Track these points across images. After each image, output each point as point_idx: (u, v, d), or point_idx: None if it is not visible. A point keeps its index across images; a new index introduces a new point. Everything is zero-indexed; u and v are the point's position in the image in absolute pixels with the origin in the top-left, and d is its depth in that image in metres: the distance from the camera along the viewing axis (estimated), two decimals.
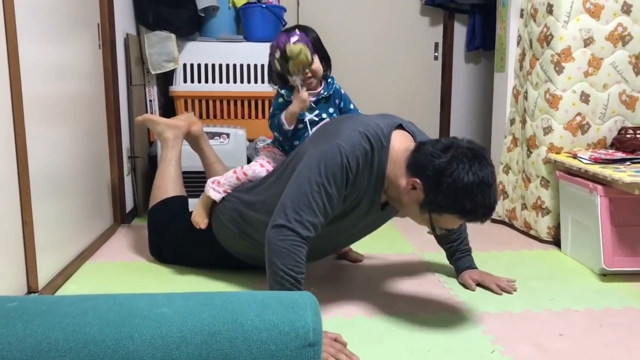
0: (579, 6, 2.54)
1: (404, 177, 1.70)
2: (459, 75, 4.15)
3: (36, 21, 1.96)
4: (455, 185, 1.57)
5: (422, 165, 1.64)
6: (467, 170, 1.57)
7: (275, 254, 1.67)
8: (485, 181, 1.58)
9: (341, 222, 1.86)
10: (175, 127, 2.47)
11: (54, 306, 0.91)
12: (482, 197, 1.58)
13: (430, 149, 1.65)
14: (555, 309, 1.92)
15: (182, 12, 3.12)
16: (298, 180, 1.72)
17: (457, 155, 1.60)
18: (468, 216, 1.62)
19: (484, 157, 1.62)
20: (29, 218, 1.86)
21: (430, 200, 1.63)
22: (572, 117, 2.61)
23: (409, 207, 1.73)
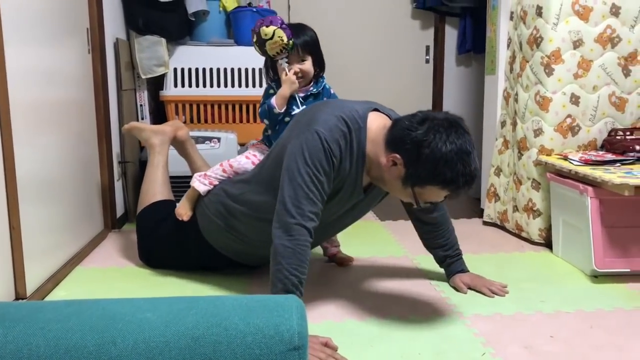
0: (568, 8, 2.55)
1: (384, 154, 1.71)
2: (450, 78, 4.16)
3: (23, 26, 1.94)
4: (433, 155, 1.58)
5: (399, 139, 1.65)
6: (445, 139, 1.58)
7: (281, 254, 1.66)
8: (463, 149, 1.59)
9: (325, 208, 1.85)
10: (161, 132, 2.49)
11: (36, 312, 0.89)
12: (462, 166, 1.59)
13: (406, 123, 1.66)
14: (546, 310, 1.92)
15: (172, 16, 3.12)
16: (289, 175, 1.73)
17: (434, 126, 1.60)
18: (450, 185, 1.62)
19: (461, 126, 1.63)
20: (16, 223, 1.84)
21: (411, 174, 1.64)
22: (563, 119, 2.61)
23: (391, 183, 1.73)
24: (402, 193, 1.74)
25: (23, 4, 1.95)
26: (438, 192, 1.66)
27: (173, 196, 2.44)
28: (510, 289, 2.09)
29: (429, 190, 1.66)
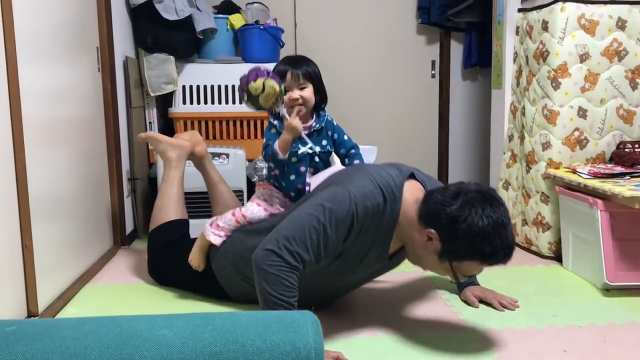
0: (574, 22, 2.56)
1: (417, 229, 1.67)
2: (456, 92, 4.17)
3: (36, 45, 1.97)
4: (470, 231, 1.55)
5: (434, 215, 1.62)
6: (480, 214, 1.55)
7: (265, 279, 1.64)
8: (500, 222, 1.57)
9: (347, 270, 1.84)
10: (179, 147, 2.44)
11: (53, 329, 0.90)
12: (500, 239, 1.56)
13: (439, 198, 1.63)
14: (558, 324, 1.91)
15: (180, 34, 3.15)
16: (299, 213, 1.70)
17: (468, 200, 1.58)
18: (489, 260, 1.59)
19: (495, 198, 1.61)
20: (29, 242, 1.85)
21: (449, 249, 1.61)
22: (570, 132, 2.62)
23: (427, 258, 1.70)
24: (438, 267, 1.70)
25: (36, 24, 1.98)
26: (477, 266, 1.64)
27: (187, 213, 2.42)
28: (521, 303, 2.08)
29: (466, 265, 1.63)
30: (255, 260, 1.67)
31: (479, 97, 4.11)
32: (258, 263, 1.66)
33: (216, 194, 2.51)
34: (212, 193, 2.54)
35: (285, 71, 1.94)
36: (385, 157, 3.71)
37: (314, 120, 2.00)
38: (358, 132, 3.97)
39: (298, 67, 1.95)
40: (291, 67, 1.94)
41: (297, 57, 2.06)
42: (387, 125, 4.15)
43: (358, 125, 4.07)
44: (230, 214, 2.03)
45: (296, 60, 2.00)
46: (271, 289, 1.63)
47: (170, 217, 2.34)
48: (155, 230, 2.33)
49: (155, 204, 2.41)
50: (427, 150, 4.20)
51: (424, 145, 4.20)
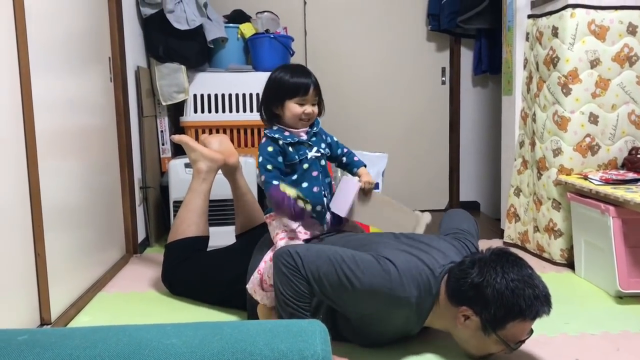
0: (584, 28, 2.55)
1: (453, 315, 1.64)
2: (466, 99, 4.17)
3: (49, 56, 2.00)
4: (498, 291, 1.54)
5: (459, 291, 1.60)
6: (501, 273, 1.55)
7: (279, 278, 1.65)
8: (524, 274, 1.56)
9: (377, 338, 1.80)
10: (211, 159, 2.35)
11: (64, 339, 0.91)
12: (531, 289, 1.54)
13: (457, 273, 1.62)
14: (570, 333, 1.89)
15: (191, 44, 3.18)
16: (340, 253, 1.66)
17: (484, 264, 1.58)
18: (529, 314, 1.55)
19: (509, 254, 1.61)
20: (41, 250, 1.87)
21: (487, 319, 1.57)
22: (582, 139, 2.60)
23: (474, 338, 1.64)
24: (487, 344, 1.62)
25: (49, 35, 2.00)
26: (521, 325, 1.58)
27: (208, 227, 2.38)
28: None
29: (513, 329, 1.58)
30: (275, 255, 1.68)
31: (489, 104, 4.10)
32: (276, 259, 1.67)
33: (242, 204, 2.46)
34: (238, 203, 2.48)
35: (308, 86, 1.89)
36: (396, 164, 3.72)
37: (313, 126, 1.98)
38: (368, 139, 3.99)
39: (314, 81, 1.92)
40: (311, 82, 1.90)
41: (304, 68, 1.98)
42: (397, 133, 4.15)
43: (368, 133, 4.08)
44: (270, 261, 1.84)
45: (307, 72, 1.94)
46: (282, 289, 1.64)
47: (192, 231, 2.30)
48: (173, 244, 2.31)
49: (178, 214, 2.38)
50: (437, 157, 4.20)
51: (434, 152, 4.19)
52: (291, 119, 1.90)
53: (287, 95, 1.89)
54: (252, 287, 1.91)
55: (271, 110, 1.93)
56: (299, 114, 1.89)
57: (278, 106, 1.90)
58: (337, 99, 4.00)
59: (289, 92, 1.88)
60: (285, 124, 1.92)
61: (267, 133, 1.91)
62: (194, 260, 2.25)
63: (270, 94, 1.92)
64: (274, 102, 1.91)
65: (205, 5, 3.20)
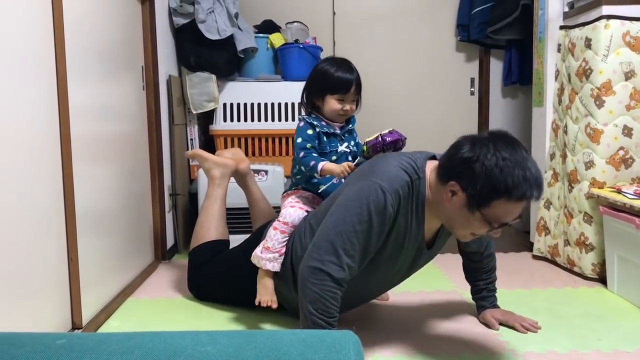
0: (619, 40, 2.52)
1: (442, 191, 1.65)
2: (496, 110, 4.13)
3: (85, 64, 2.04)
4: (486, 168, 1.52)
5: (449, 167, 1.62)
6: (493, 151, 1.53)
7: (307, 297, 1.66)
8: (516, 155, 1.53)
9: (390, 263, 1.83)
10: (223, 165, 2.48)
11: (101, 344, 0.92)
12: (521, 170, 1.52)
13: (452, 150, 1.63)
14: (603, 349, 1.86)
15: (222, 53, 3.21)
16: (333, 220, 1.70)
17: (478, 142, 1.57)
18: (514, 193, 1.51)
19: (507, 136, 1.59)
20: (74, 255, 1.91)
21: (472, 195, 1.56)
22: (615, 151, 2.56)
23: (459, 217, 1.64)
24: (472, 222, 1.62)
25: (85, 44, 2.05)
26: (506, 206, 1.55)
27: (227, 230, 2.45)
28: (564, 326, 2.04)
29: (497, 208, 1.56)
30: (301, 277, 1.69)
31: (519, 115, 4.06)
32: (303, 279, 1.68)
33: (257, 210, 2.53)
34: (254, 210, 2.57)
35: (350, 83, 1.97)
36: None
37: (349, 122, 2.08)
38: None
39: (357, 77, 2.00)
40: (354, 79, 1.98)
41: (350, 63, 2.04)
42: (426, 143, 4.10)
43: None
44: (272, 230, 2.00)
45: (351, 68, 2.01)
46: (312, 307, 1.65)
47: (211, 235, 2.37)
48: (195, 249, 2.37)
49: (198, 220, 2.46)
50: None
51: None
52: (329, 113, 2.00)
53: (329, 90, 1.98)
54: (254, 254, 1.99)
55: (312, 100, 2.02)
56: (337, 110, 1.99)
57: (319, 98, 2.00)
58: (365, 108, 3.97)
59: (331, 87, 1.97)
60: (323, 115, 2.01)
61: (306, 118, 2.01)
62: (216, 259, 2.28)
63: (313, 84, 2.01)
64: (315, 94, 2.01)
65: (236, 16, 3.24)
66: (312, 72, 2.05)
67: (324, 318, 1.65)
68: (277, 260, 1.97)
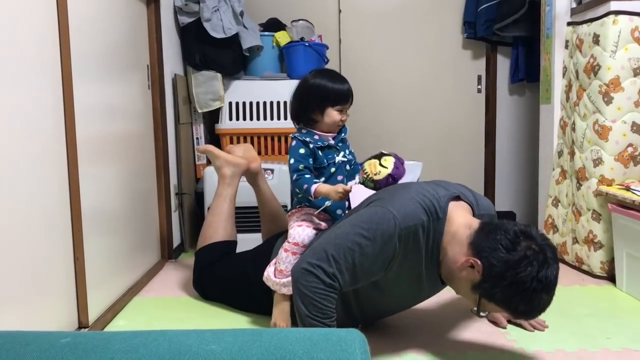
0: (627, 35, 2.50)
1: (464, 253, 1.62)
2: (503, 107, 4.11)
3: (90, 64, 2.04)
4: (517, 286, 1.51)
5: (488, 249, 1.56)
6: (534, 275, 1.50)
7: (300, 298, 1.66)
8: (547, 288, 1.52)
9: (401, 292, 1.82)
10: (235, 164, 2.44)
11: (106, 342, 0.92)
12: (538, 302, 1.54)
13: (501, 236, 1.56)
14: (613, 348, 1.84)
15: (227, 52, 3.21)
16: (337, 232, 1.69)
17: (529, 255, 1.51)
18: (518, 315, 1.57)
19: (554, 259, 1.55)
20: (80, 254, 1.91)
21: (486, 288, 1.56)
22: (624, 149, 2.54)
23: (460, 282, 1.65)
24: (467, 295, 1.65)
25: (90, 44, 2.05)
26: (503, 313, 1.60)
27: (235, 230, 2.42)
28: (573, 325, 2.02)
29: (494, 307, 1.59)
30: (293, 277, 1.70)
31: (526, 112, 4.04)
32: (294, 281, 1.69)
33: (267, 210, 2.51)
34: (263, 209, 2.53)
35: (349, 94, 1.96)
36: (431, 172, 3.68)
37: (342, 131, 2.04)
38: (403, 147, 3.97)
39: (346, 84, 1.98)
40: (349, 89, 1.97)
41: (339, 74, 2.03)
42: (432, 141, 4.12)
43: (403, 141, 4.06)
44: (283, 252, 1.94)
45: (343, 78, 1.99)
46: (305, 309, 1.65)
47: (219, 235, 2.35)
48: (202, 249, 2.36)
49: (206, 219, 2.44)
50: (473, 166, 4.15)
51: (470, 162, 4.14)
52: (330, 125, 1.95)
53: (329, 103, 1.93)
54: (266, 275, 1.97)
55: (309, 115, 1.95)
56: (337, 120, 1.95)
57: (318, 112, 1.94)
58: (371, 106, 3.99)
59: (331, 99, 1.93)
60: (320, 129, 1.96)
61: (298, 136, 1.96)
62: (223, 262, 2.27)
63: (311, 100, 1.94)
64: (313, 108, 1.94)
65: (241, 14, 3.23)
66: (305, 87, 1.97)
67: (318, 319, 1.64)
68: (290, 284, 1.88)
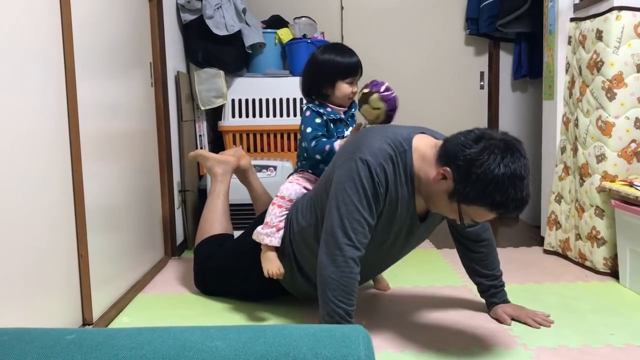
0: (630, 31, 2.49)
1: (434, 168, 1.68)
2: (505, 103, 4.11)
3: (93, 61, 2.04)
4: (485, 176, 1.54)
5: (452, 154, 1.62)
6: (499, 162, 1.53)
7: (328, 285, 1.69)
8: (517, 174, 1.54)
9: (384, 236, 1.84)
10: (224, 162, 2.54)
11: (111, 339, 0.92)
12: (513, 190, 1.54)
13: (461, 139, 1.62)
14: (616, 344, 1.84)
15: (230, 49, 3.21)
16: (335, 204, 1.74)
17: (489, 145, 1.56)
18: (498, 209, 1.57)
19: (518, 149, 1.58)
20: (84, 251, 1.91)
21: (459, 190, 1.60)
22: (627, 144, 2.53)
23: (438, 197, 1.69)
24: (447, 208, 1.69)
25: (93, 41, 2.05)
26: (485, 213, 1.61)
27: (231, 225, 2.49)
28: (576, 321, 2.02)
29: (475, 210, 1.62)
30: (320, 266, 1.72)
31: (529, 109, 4.03)
32: (323, 269, 1.71)
33: (261, 205, 2.55)
34: (257, 205, 2.61)
35: (358, 65, 2.05)
36: None
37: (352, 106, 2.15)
38: None
39: (354, 57, 2.07)
40: (359, 60, 2.06)
41: (348, 47, 2.10)
42: None
43: None
44: (271, 205, 2.06)
45: (351, 51, 2.08)
46: (332, 295, 1.68)
47: (215, 229, 2.41)
48: (200, 244, 2.41)
49: (202, 216, 2.51)
50: None
51: None
52: (341, 98, 2.05)
53: (340, 76, 2.02)
54: (255, 232, 2.04)
55: (320, 90, 2.05)
56: (348, 93, 2.04)
57: (328, 86, 2.04)
58: None
59: (342, 73, 2.02)
60: (332, 102, 2.06)
61: (312, 107, 2.06)
62: (220, 251, 2.30)
63: (321, 74, 2.04)
64: (324, 82, 2.04)
65: (243, 11, 3.23)
66: (315, 63, 2.07)
67: (343, 305, 1.68)
68: (274, 235, 2.00)
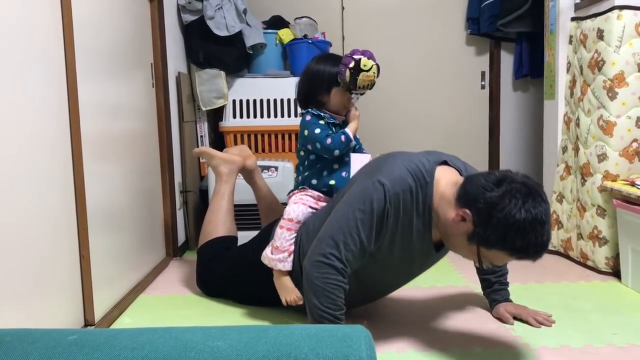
0: (631, 30, 2.49)
1: (453, 208, 1.65)
2: (506, 103, 4.10)
3: (95, 62, 2.04)
4: (506, 221, 1.51)
5: (472, 196, 1.59)
6: (520, 206, 1.51)
7: (313, 291, 1.69)
8: (538, 219, 1.52)
9: (396, 261, 1.83)
10: (230, 162, 2.51)
11: (112, 339, 0.92)
12: (534, 236, 1.52)
13: (482, 181, 1.60)
14: (618, 344, 1.84)
15: (231, 50, 3.21)
16: (337, 216, 1.73)
17: (511, 190, 1.53)
18: (518, 254, 1.56)
19: (539, 194, 1.55)
20: (86, 252, 1.91)
21: (479, 234, 1.58)
22: (628, 144, 2.53)
23: (456, 238, 1.67)
24: (465, 250, 1.67)
25: (95, 42, 2.05)
26: (504, 256, 1.60)
27: (235, 226, 2.47)
28: (578, 320, 2.02)
29: (494, 253, 1.60)
30: (305, 271, 1.73)
31: (530, 108, 4.03)
32: (307, 275, 1.72)
33: (265, 206, 2.55)
34: (262, 205, 2.59)
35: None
36: None
37: None
38: (407, 144, 3.95)
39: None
40: None
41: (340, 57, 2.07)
42: (436, 137, 4.11)
43: (407, 137, 4.06)
44: (279, 229, 2.01)
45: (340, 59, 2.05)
46: (318, 302, 1.68)
47: (219, 231, 2.38)
48: (203, 246, 2.39)
49: (206, 217, 2.48)
50: (477, 162, 4.09)
51: (474, 158, 4.09)
52: (336, 105, 2.07)
53: (334, 83, 2.03)
54: (264, 255, 2.01)
55: (316, 97, 2.06)
56: (344, 101, 2.06)
57: (325, 93, 2.06)
58: (375, 103, 3.99)
59: (336, 81, 2.02)
60: (329, 110, 2.08)
61: (311, 111, 2.08)
62: (224, 255, 2.30)
63: (316, 82, 2.05)
64: (320, 90, 2.06)
65: (244, 12, 3.23)
66: (309, 72, 2.09)
67: (330, 311, 1.68)
68: (287, 260, 1.97)
